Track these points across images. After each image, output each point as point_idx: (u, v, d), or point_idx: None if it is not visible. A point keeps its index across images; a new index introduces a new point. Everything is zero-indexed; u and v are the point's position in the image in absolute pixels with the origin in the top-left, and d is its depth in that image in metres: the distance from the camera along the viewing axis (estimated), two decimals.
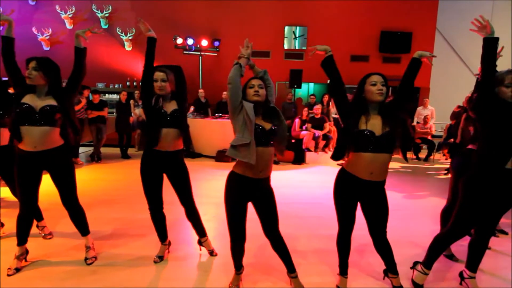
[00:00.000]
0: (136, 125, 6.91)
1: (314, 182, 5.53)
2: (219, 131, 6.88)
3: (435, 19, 9.51)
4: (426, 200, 4.70)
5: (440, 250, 2.31)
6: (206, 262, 2.69)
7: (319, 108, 7.03)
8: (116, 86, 9.18)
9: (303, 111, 7.17)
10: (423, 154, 7.78)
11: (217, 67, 9.14)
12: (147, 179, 2.47)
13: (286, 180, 5.54)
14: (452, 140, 3.25)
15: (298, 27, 9.33)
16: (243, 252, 2.20)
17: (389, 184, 2.10)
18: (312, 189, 5.07)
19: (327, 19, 9.22)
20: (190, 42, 8.60)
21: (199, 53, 8.95)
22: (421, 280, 2.34)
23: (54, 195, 2.51)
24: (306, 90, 10.02)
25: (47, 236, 2.99)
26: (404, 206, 4.30)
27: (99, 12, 8.90)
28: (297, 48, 9.44)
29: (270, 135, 2.00)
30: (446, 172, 6.35)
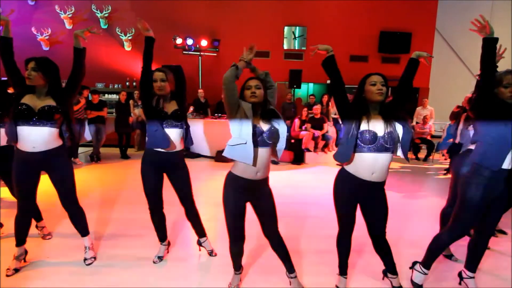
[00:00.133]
0: (136, 125, 6.92)
1: (314, 182, 5.53)
2: (218, 131, 6.88)
3: (435, 19, 9.54)
4: (425, 200, 4.70)
5: (439, 250, 2.31)
6: (206, 263, 2.69)
7: (318, 108, 7.03)
8: (116, 86, 9.18)
9: (303, 111, 7.18)
10: (423, 154, 7.80)
11: (216, 67, 9.14)
12: (147, 179, 2.47)
13: (285, 180, 5.54)
14: (452, 140, 3.25)
15: (297, 27, 9.34)
16: (242, 252, 2.20)
17: (388, 184, 2.09)
18: (311, 189, 5.07)
19: (326, 19, 9.24)
20: (190, 42, 8.59)
21: (199, 53, 8.95)
22: (420, 280, 2.35)
23: (53, 195, 2.50)
24: (305, 90, 10.04)
25: (46, 237, 2.99)
26: (403, 206, 4.30)
27: (98, 12, 8.89)
28: (296, 48, 9.45)
29: (268, 136, 1.96)
30: (445, 172, 6.35)
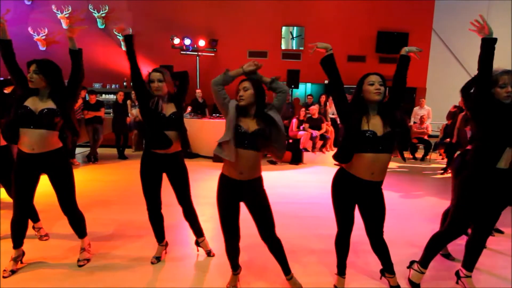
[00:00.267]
0: (133, 125, 6.89)
1: (312, 182, 5.53)
2: (216, 132, 6.78)
3: (432, 19, 9.57)
4: (422, 199, 4.72)
5: (437, 249, 2.32)
6: (204, 263, 2.68)
7: (316, 108, 7.04)
8: (113, 86, 9.14)
9: (301, 111, 7.19)
10: (420, 154, 7.83)
11: (214, 67, 9.11)
12: (146, 180, 2.47)
13: (283, 180, 5.54)
14: (448, 140, 3.27)
15: (295, 28, 9.34)
16: (238, 251, 2.19)
17: (385, 184, 2.10)
18: (309, 189, 5.08)
19: (324, 19, 9.24)
20: (188, 42, 8.57)
21: (197, 53, 8.93)
22: (417, 279, 2.35)
23: (50, 196, 2.49)
24: (303, 90, 10.05)
25: (43, 238, 2.97)
26: (401, 206, 4.31)
27: (95, 12, 8.86)
28: (294, 48, 9.45)
29: (254, 138, 1.92)
30: (442, 171, 6.39)
